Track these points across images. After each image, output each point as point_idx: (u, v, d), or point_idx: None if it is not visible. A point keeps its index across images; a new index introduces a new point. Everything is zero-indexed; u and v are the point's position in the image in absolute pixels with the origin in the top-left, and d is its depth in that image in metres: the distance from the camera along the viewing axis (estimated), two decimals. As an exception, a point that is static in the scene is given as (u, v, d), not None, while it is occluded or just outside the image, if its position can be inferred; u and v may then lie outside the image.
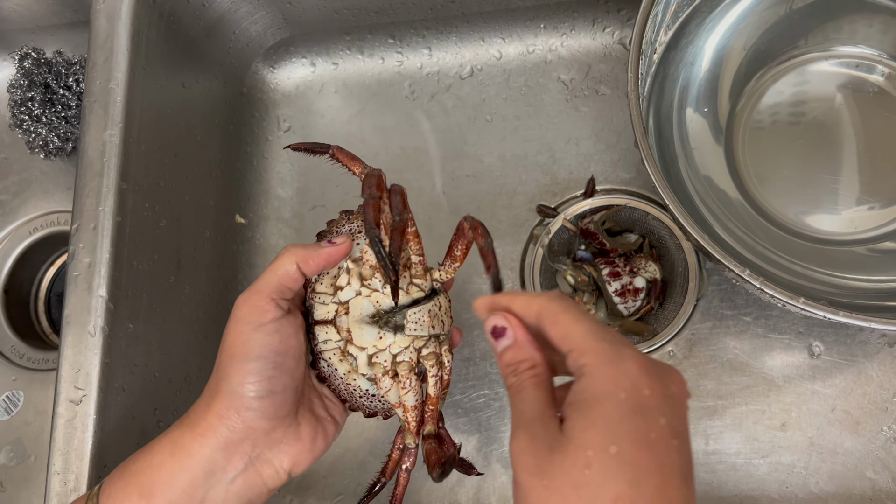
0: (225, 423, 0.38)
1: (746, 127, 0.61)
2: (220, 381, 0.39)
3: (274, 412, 0.39)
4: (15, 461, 0.67)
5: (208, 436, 0.38)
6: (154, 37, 0.61)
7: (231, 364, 0.38)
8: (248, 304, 0.39)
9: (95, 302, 0.53)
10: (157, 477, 0.38)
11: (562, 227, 0.64)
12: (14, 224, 0.74)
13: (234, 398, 0.38)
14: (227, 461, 0.39)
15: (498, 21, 0.70)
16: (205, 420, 0.39)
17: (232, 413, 0.38)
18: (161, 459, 0.39)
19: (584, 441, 0.30)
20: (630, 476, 0.29)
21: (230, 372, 0.38)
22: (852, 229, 0.58)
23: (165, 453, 0.39)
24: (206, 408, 0.39)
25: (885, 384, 0.59)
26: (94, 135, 0.56)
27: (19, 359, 0.70)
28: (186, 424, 0.39)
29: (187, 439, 0.39)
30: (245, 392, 0.38)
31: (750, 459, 0.59)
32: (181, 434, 0.39)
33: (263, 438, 0.39)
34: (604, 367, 0.31)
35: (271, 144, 0.73)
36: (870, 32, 0.59)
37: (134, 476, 0.39)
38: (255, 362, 0.38)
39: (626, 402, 0.30)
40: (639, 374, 0.31)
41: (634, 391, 0.30)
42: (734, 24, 0.60)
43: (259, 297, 0.39)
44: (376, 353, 0.41)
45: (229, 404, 0.38)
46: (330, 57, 0.74)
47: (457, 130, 0.70)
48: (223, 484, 0.39)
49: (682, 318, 0.61)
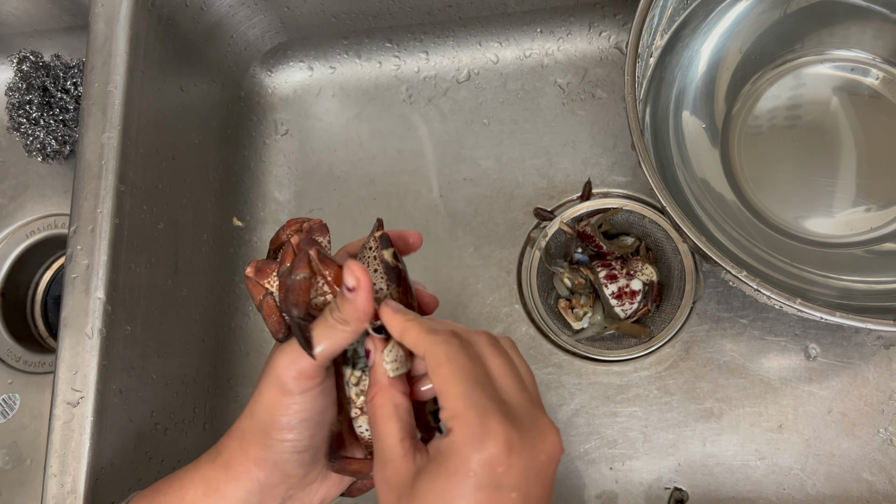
0: (263, 471, 0.37)
1: (742, 130, 0.61)
2: (257, 434, 0.37)
3: (311, 460, 0.38)
4: (11, 465, 0.67)
5: (243, 479, 0.38)
6: (152, 40, 0.61)
7: (273, 422, 0.36)
8: (294, 368, 0.35)
9: (93, 304, 0.53)
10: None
11: (559, 230, 0.65)
12: (11, 227, 0.74)
13: (275, 451, 0.37)
14: (262, 503, 0.38)
15: (495, 25, 0.71)
16: (240, 465, 0.38)
17: (269, 464, 0.37)
18: (194, 498, 0.38)
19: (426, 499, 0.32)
20: None
21: (271, 429, 0.37)
22: (849, 231, 0.58)
23: (199, 492, 0.38)
24: (242, 452, 0.38)
25: (881, 386, 0.59)
26: (93, 137, 0.56)
27: (15, 362, 0.70)
28: (220, 465, 0.38)
29: (222, 482, 0.38)
30: (285, 448, 0.37)
31: (747, 461, 0.59)
32: (215, 475, 0.38)
33: (297, 482, 0.39)
34: (460, 445, 0.32)
35: (269, 148, 0.74)
36: (863, 37, 0.60)
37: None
38: (301, 423, 0.37)
39: (473, 482, 0.31)
40: (498, 452, 0.31)
41: (486, 471, 0.31)
42: (730, 28, 0.60)
43: (310, 366, 0.35)
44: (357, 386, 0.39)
45: (266, 456, 0.37)
46: (327, 61, 0.74)
47: (454, 134, 0.71)
48: None
49: (678, 320, 0.61)
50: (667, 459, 0.60)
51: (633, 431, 0.61)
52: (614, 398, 0.62)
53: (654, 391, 0.61)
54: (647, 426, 0.61)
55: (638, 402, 0.61)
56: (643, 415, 0.61)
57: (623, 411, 0.61)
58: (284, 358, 0.36)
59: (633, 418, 0.61)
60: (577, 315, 0.64)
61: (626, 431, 0.61)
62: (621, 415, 0.61)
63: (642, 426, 0.61)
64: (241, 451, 0.38)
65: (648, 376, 0.62)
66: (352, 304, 0.34)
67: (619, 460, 0.60)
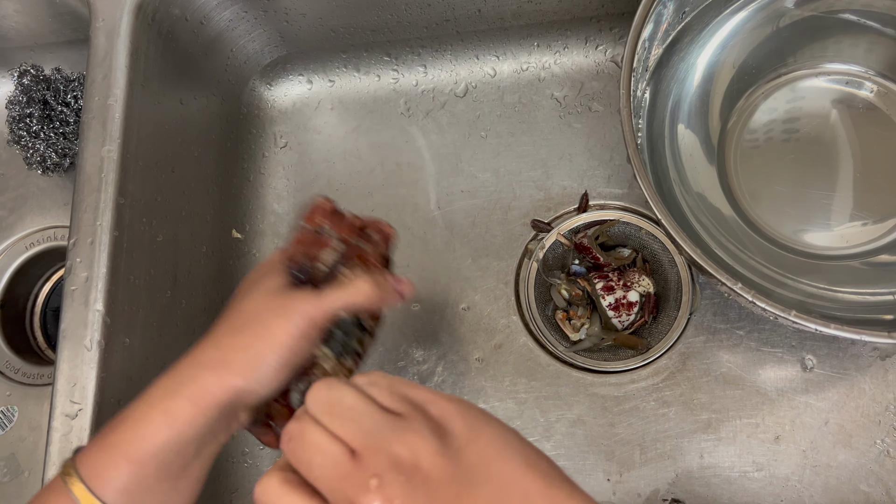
0: (234, 398, 0.39)
1: (738, 143, 0.61)
2: (250, 368, 0.39)
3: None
4: (8, 477, 0.67)
5: (213, 408, 0.39)
6: (152, 54, 0.62)
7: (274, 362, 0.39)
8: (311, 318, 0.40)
9: (92, 316, 0.53)
10: (148, 447, 0.38)
11: (556, 242, 0.65)
12: (11, 239, 0.74)
13: (259, 384, 0.40)
14: (225, 427, 0.40)
15: (492, 39, 0.71)
16: (211, 395, 0.39)
17: (245, 393, 0.39)
18: (154, 430, 0.38)
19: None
20: None
21: (268, 369, 0.39)
22: (845, 244, 0.58)
23: (160, 424, 0.38)
24: (218, 382, 0.39)
25: (877, 397, 0.59)
26: (93, 150, 0.57)
27: (14, 374, 0.70)
28: (186, 396, 0.39)
29: (188, 413, 0.38)
30: (273, 388, 0.40)
31: (744, 473, 0.59)
32: (179, 406, 0.39)
33: (237, 426, 0.42)
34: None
35: (268, 160, 0.74)
36: (856, 51, 0.60)
37: (119, 447, 0.38)
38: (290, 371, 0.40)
39: None
40: None
41: None
42: (724, 42, 0.61)
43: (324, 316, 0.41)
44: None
45: (246, 387, 0.39)
46: (326, 74, 0.75)
47: (452, 147, 0.71)
48: (215, 445, 0.41)
49: (675, 331, 0.62)
50: (664, 471, 0.60)
51: (630, 443, 0.61)
52: (611, 409, 0.62)
53: (651, 402, 0.61)
54: (644, 437, 0.61)
55: (635, 414, 0.61)
56: (640, 426, 0.61)
57: (620, 423, 0.61)
58: (304, 305, 0.40)
59: (630, 430, 0.61)
60: (574, 326, 0.64)
61: (624, 443, 0.61)
62: (619, 426, 0.61)
63: (640, 437, 0.61)
64: (219, 381, 0.39)
65: (645, 388, 0.62)
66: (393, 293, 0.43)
67: (617, 472, 0.60)
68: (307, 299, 0.41)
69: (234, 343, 0.40)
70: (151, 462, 0.38)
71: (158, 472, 0.39)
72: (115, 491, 0.38)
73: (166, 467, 0.39)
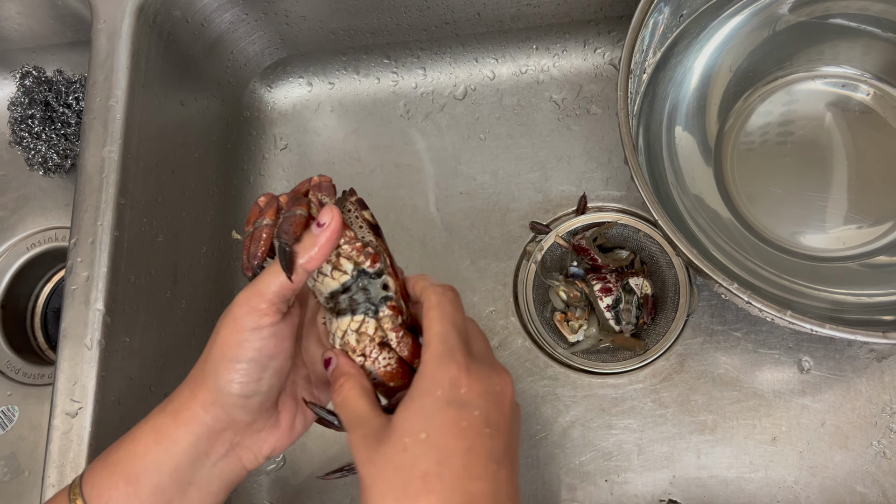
0: (210, 414, 0.39)
1: (735, 146, 0.62)
2: (208, 376, 0.39)
3: (258, 409, 0.40)
4: (9, 476, 0.67)
5: (192, 425, 0.39)
6: (154, 56, 0.62)
7: (222, 362, 0.38)
8: (248, 305, 0.38)
9: (92, 315, 0.54)
10: (142, 464, 0.39)
11: (554, 244, 0.65)
12: (12, 240, 0.74)
13: (221, 395, 0.39)
14: (211, 448, 0.40)
15: (491, 42, 0.72)
16: (189, 409, 0.39)
17: (217, 407, 0.39)
18: (145, 447, 0.39)
19: (403, 429, 0.35)
20: (437, 456, 0.34)
21: (219, 369, 0.38)
22: (841, 245, 0.59)
23: (150, 441, 0.39)
24: (191, 397, 0.39)
25: (873, 399, 0.59)
26: (94, 151, 0.57)
27: (15, 374, 0.71)
28: (169, 412, 0.40)
29: (171, 428, 0.39)
30: (232, 391, 0.38)
31: (741, 474, 0.59)
32: (164, 422, 0.40)
33: (245, 429, 0.41)
34: (430, 368, 0.37)
35: (268, 162, 0.74)
36: (852, 54, 0.61)
37: (118, 465, 0.39)
38: (247, 364, 0.38)
39: (442, 397, 0.35)
40: (458, 375, 0.36)
41: (451, 388, 0.36)
42: (721, 45, 0.61)
43: (260, 300, 0.38)
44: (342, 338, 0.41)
45: (214, 399, 0.39)
46: (326, 77, 0.75)
47: (451, 149, 0.71)
48: (207, 467, 0.40)
49: (673, 333, 0.62)
50: (661, 472, 0.60)
51: (627, 444, 0.61)
52: (609, 410, 0.62)
53: (648, 404, 0.62)
54: (641, 438, 0.61)
55: (633, 415, 0.62)
56: (638, 427, 0.61)
57: (618, 424, 0.62)
58: (240, 296, 0.38)
59: (627, 431, 0.61)
60: (572, 328, 0.64)
61: (621, 444, 0.61)
62: (616, 427, 0.62)
63: (637, 438, 0.61)
64: (190, 396, 0.39)
65: (643, 389, 0.62)
66: (315, 238, 0.38)
67: (615, 473, 0.61)
68: (238, 297, 0.39)
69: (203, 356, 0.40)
70: (146, 482, 0.39)
71: (154, 497, 0.39)
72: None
73: (161, 491, 0.39)
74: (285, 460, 0.65)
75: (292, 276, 0.37)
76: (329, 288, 0.41)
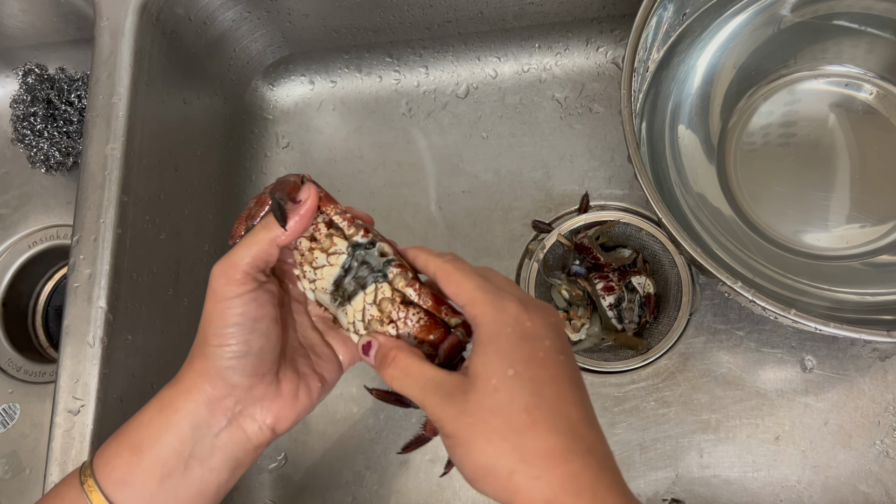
0: (207, 381, 0.40)
1: (738, 144, 0.62)
2: (201, 345, 0.41)
3: (252, 370, 0.41)
4: (10, 474, 0.67)
5: (192, 392, 0.40)
6: (156, 53, 0.62)
7: (209, 329, 0.40)
8: (224, 276, 0.40)
9: (95, 313, 0.53)
10: (145, 433, 0.40)
11: (557, 242, 0.65)
12: (14, 238, 0.74)
13: (214, 358, 0.40)
14: (212, 415, 0.40)
15: (493, 41, 0.72)
16: (188, 378, 0.41)
17: (212, 371, 0.40)
18: (150, 417, 0.41)
19: (487, 373, 0.35)
20: (530, 388, 0.35)
21: (209, 336, 0.40)
22: (845, 244, 0.59)
23: (154, 411, 0.41)
24: (189, 368, 0.41)
25: (876, 398, 0.59)
26: (97, 148, 0.57)
27: (16, 372, 0.71)
28: (173, 384, 0.41)
29: (173, 396, 0.41)
30: (223, 353, 0.40)
31: (744, 473, 0.59)
32: (168, 393, 0.41)
33: (245, 395, 0.41)
34: (490, 313, 0.37)
35: (270, 160, 0.74)
36: (855, 53, 0.61)
37: (125, 436, 0.41)
38: (234, 328, 0.40)
39: (513, 333, 0.36)
40: (518, 311, 0.37)
41: (518, 325, 0.36)
42: (724, 44, 0.61)
43: (234, 270, 0.39)
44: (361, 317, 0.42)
45: (210, 364, 0.40)
46: (328, 75, 0.75)
47: (453, 147, 0.71)
48: (209, 438, 0.41)
49: (675, 332, 0.62)
50: (664, 471, 0.60)
51: (630, 443, 0.61)
52: (612, 409, 0.62)
53: (651, 403, 0.62)
54: (644, 438, 0.61)
55: (635, 414, 0.62)
56: (641, 426, 0.61)
57: (621, 423, 0.62)
58: (216, 268, 0.40)
59: (630, 430, 0.61)
60: (574, 326, 0.64)
61: (624, 443, 0.61)
62: (619, 426, 0.62)
63: (640, 438, 0.61)
64: (189, 367, 0.41)
65: (646, 388, 0.62)
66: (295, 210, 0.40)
67: (617, 471, 0.61)
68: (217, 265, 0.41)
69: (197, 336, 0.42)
70: (149, 451, 0.40)
71: (156, 468, 0.39)
72: (117, 482, 0.39)
73: (163, 463, 0.40)
74: (287, 458, 0.65)
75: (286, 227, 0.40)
76: (331, 277, 0.42)
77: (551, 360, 0.36)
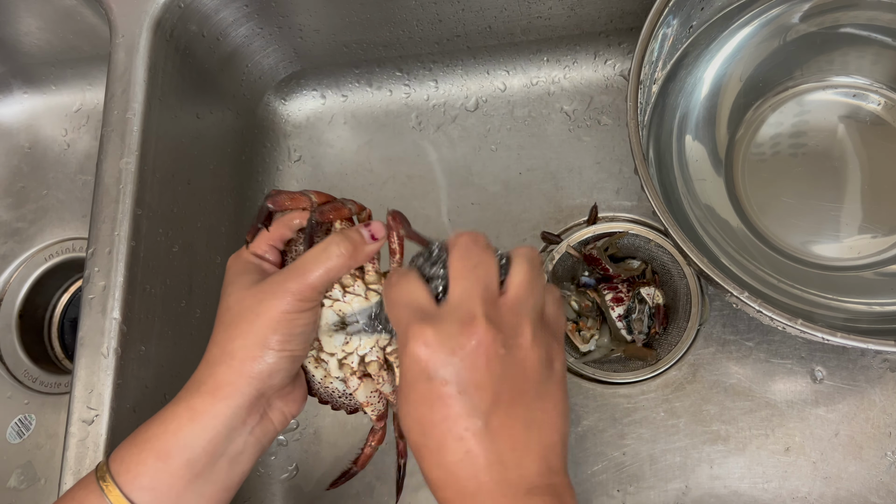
0: (253, 385, 0.40)
1: (746, 156, 0.62)
2: (258, 347, 0.40)
3: (296, 371, 0.43)
4: (25, 484, 0.68)
5: (235, 397, 0.40)
6: (170, 69, 0.63)
7: (277, 334, 0.40)
8: (298, 296, 0.40)
9: (109, 324, 0.54)
10: (173, 441, 0.40)
11: (566, 254, 0.66)
12: (30, 251, 0.76)
13: (272, 362, 0.40)
14: (249, 416, 0.41)
15: (502, 55, 0.72)
16: (231, 385, 0.40)
17: (265, 375, 0.40)
18: (178, 425, 0.40)
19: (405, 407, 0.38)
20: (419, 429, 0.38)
21: (273, 341, 0.40)
22: (855, 255, 0.59)
23: (183, 419, 0.40)
24: (233, 371, 0.40)
25: (887, 409, 0.59)
26: (111, 163, 0.58)
27: (32, 383, 0.71)
28: (206, 392, 0.40)
29: (208, 404, 0.40)
30: (284, 357, 0.41)
31: (754, 484, 0.59)
32: (202, 401, 0.40)
33: (279, 392, 0.43)
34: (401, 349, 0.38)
35: (282, 174, 0.75)
36: (862, 63, 0.61)
37: (147, 443, 0.40)
38: (301, 335, 0.41)
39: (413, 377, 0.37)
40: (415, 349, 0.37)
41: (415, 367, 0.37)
42: (731, 56, 0.62)
43: (309, 291, 0.41)
44: (345, 357, 0.44)
45: (264, 369, 0.40)
46: (339, 89, 0.76)
47: (462, 160, 0.72)
48: (242, 436, 0.41)
49: (685, 343, 0.62)
50: (674, 482, 0.60)
51: (640, 454, 0.61)
52: (621, 420, 0.62)
53: (661, 413, 0.62)
54: (654, 449, 0.61)
55: (645, 425, 0.62)
56: (650, 437, 0.61)
57: (630, 433, 0.62)
58: (292, 283, 0.41)
59: (640, 441, 0.61)
60: (584, 337, 0.64)
61: (634, 454, 0.61)
62: (629, 437, 0.62)
63: (649, 449, 0.61)
64: (231, 370, 0.40)
65: (655, 399, 0.62)
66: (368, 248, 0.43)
67: (627, 483, 0.61)
68: (289, 277, 0.41)
69: (232, 335, 0.41)
70: (178, 457, 0.39)
71: (183, 471, 0.40)
72: (141, 488, 0.39)
73: (192, 465, 0.40)
74: (298, 469, 0.66)
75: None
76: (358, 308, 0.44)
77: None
